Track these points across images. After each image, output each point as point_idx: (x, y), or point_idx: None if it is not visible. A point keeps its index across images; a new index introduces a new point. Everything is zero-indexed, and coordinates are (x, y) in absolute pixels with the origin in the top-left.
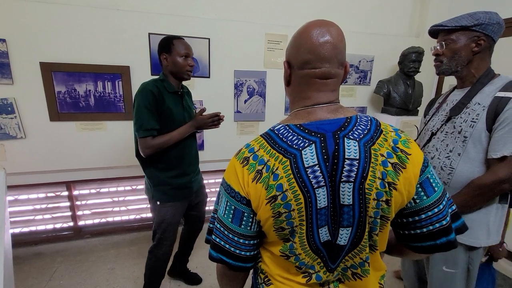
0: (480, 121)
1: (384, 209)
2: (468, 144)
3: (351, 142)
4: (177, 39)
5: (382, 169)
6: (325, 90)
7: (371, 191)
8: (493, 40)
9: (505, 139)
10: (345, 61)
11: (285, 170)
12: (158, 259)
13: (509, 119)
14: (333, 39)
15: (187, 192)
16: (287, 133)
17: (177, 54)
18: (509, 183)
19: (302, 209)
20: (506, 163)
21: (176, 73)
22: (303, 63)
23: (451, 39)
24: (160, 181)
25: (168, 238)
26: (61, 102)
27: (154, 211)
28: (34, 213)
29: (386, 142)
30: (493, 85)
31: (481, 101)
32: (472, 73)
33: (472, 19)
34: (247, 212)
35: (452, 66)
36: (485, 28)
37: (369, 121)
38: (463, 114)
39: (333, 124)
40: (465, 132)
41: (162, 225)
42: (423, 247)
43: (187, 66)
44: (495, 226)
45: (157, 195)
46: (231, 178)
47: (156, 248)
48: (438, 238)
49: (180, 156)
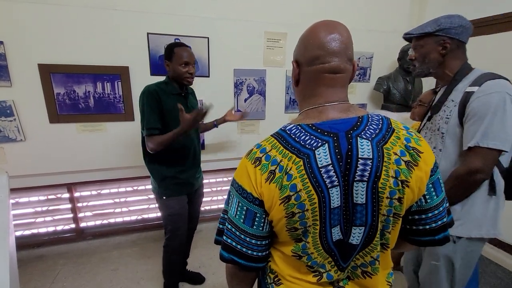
0: (452, 117)
1: (396, 206)
2: (446, 140)
3: (364, 142)
4: (179, 46)
5: (396, 168)
6: (334, 85)
7: (385, 189)
8: (459, 41)
9: (470, 131)
10: (353, 58)
11: (299, 170)
12: (175, 250)
13: (472, 112)
14: (341, 35)
15: (189, 187)
16: (299, 133)
17: (177, 62)
18: (482, 173)
19: (316, 209)
20: (473, 153)
21: (176, 79)
22: (312, 59)
23: (420, 44)
24: (164, 176)
25: (180, 228)
26: (60, 104)
27: (162, 207)
28: (35, 216)
29: (399, 140)
30: (466, 80)
31: (454, 97)
32: (446, 73)
33: (435, 25)
34: (259, 213)
35: (424, 69)
36: (448, 31)
37: (380, 120)
38: (441, 111)
39: (346, 124)
40: (442, 129)
41: (173, 217)
42: (421, 241)
43: (186, 74)
44: (488, 218)
45: (162, 190)
46: (242, 179)
47: (170, 240)
48: (438, 234)
49: (182, 154)
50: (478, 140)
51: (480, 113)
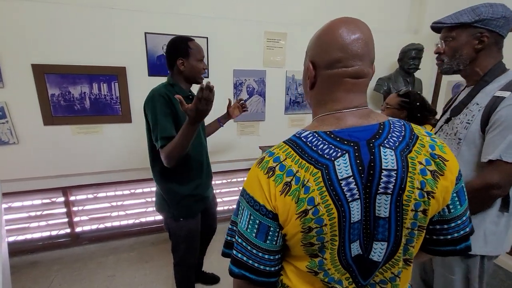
0: (474, 122)
1: (421, 219)
2: (462, 146)
3: (387, 151)
4: (191, 41)
5: (421, 178)
6: (355, 91)
7: (409, 202)
8: (499, 35)
9: (493, 142)
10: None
11: (317, 182)
12: (190, 267)
13: (499, 120)
14: (365, 36)
15: (205, 202)
16: (316, 141)
17: (194, 59)
18: (499, 189)
19: (335, 224)
20: (493, 167)
21: (191, 78)
22: (332, 62)
23: (451, 36)
24: (182, 197)
25: (195, 246)
26: (55, 105)
27: (177, 229)
28: (29, 221)
29: (423, 148)
30: (497, 82)
31: (480, 101)
32: (476, 71)
33: (473, 15)
34: (273, 227)
35: (454, 65)
36: (488, 23)
37: (402, 127)
38: (461, 114)
39: (366, 131)
40: (459, 134)
41: (189, 237)
42: (441, 251)
43: (202, 70)
44: (495, 235)
45: (178, 212)
46: (254, 190)
47: (185, 258)
48: (459, 244)
49: (198, 166)
50: (501, 153)
51: (508, 123)
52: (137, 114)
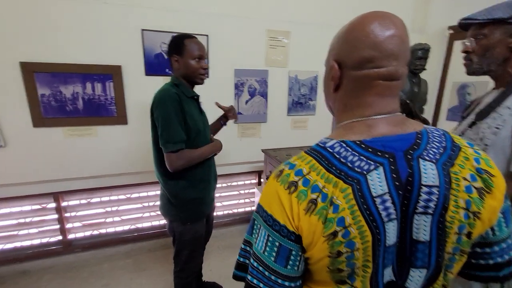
0: (505, 128)
1: (464, 242)
2: (489, 153)
3: (427, 164)
4: (189, 38)
5: (466, 197)
6: (388, 94)
7: (453, 224)
8: None
9: None
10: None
11: (347, 200)
12: (192, 273)
13: None
14: (400, 32)
15: (211, 204)
16: (345, 152)
17: (189, 56)
18: None
19: (369, 249)
20: None
21: (188, 77)
22: (362, 62)
23: (482, 33)
24: (190, 199)
25: (199, 250)
26: (45, 106)
27: (184, 233)
28: (18, 228)
29: (467, 162)
30: None
31: None
32: (509, 71)
33: (509, 10)
34: (295, 250)
35: (484, 65)
36: None
37: (442, 136)
38: (489, 119)
39: (403, 141)
40: (487, 140)
41: (194, 242)
42: (480, 277)
43: (200, 70)
44: None
45: (185, 216)
46: (273, 207)
47: (188, 263)
48: (502, 269)
49: (207, 168)
50: None
51: None
52: (133, 115)
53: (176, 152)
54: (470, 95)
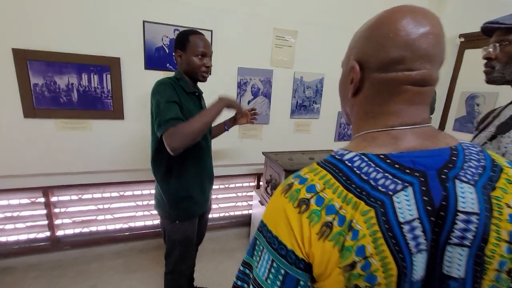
0: None
1: (503, 280)
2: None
3: (465, 187)
4: (194, 34)
5: (510, 228)
6: (418, 102)
7: (493, 259)
8: None
9: None
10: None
11: (369, 225)
12: (183, 275)
13: None
14: (437, 30)
15: (204, 206)
16: (366, 167)
17: (192, 53)
18: None
19: (393, 284)
20: None
21: (189, 73)
22: (390, 63)
23: (508, 40)
24: (181, 198)
25: (190, 251)
26: (38, 96)
27: (173, 232)
28: (5, 222)
29: (511, 185)
30: None
31: None
32: None
33: None
34: (303, 281)
35: (507, 73)
36: None
37: (480, 153)
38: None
39: (435, 158)
40: (510, 155)
41: (185, 242)
42: None
43: (203, 67)
44: None
45: (176, 214)
46: (279, 228)
47: (178, 265)
48: None
49: (202, 167)
50: None
51: None
52: (130, 111)
53: (174, 127)
54: (479, 106)
